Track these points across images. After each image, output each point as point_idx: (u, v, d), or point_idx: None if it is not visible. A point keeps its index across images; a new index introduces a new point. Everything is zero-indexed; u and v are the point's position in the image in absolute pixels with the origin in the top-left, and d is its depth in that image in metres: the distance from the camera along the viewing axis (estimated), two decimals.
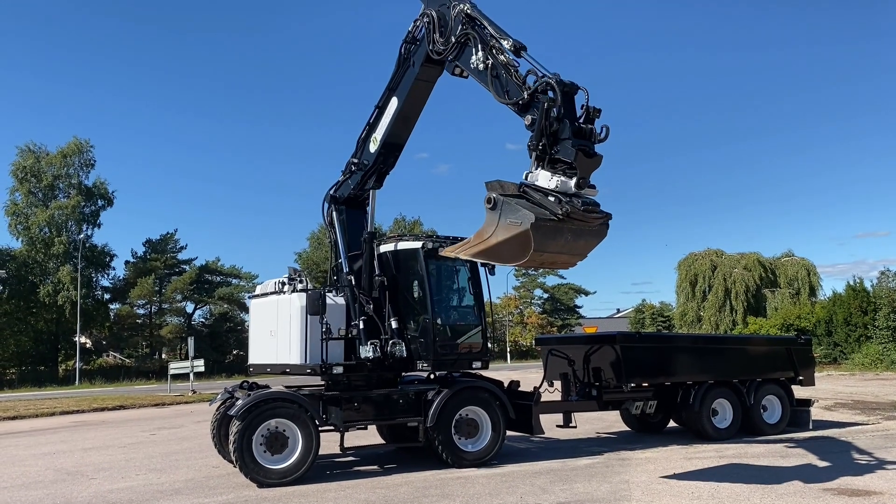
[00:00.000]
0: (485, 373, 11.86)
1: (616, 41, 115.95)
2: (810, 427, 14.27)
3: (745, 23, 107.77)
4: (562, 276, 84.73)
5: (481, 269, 11.69)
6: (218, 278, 62.57)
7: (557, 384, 13.91)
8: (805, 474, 9.66)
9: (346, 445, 11.80)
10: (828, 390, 24.36)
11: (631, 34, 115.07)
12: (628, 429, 15.12)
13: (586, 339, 14.20)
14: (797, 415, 14.35)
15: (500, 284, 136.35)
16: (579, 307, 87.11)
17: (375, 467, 11.26)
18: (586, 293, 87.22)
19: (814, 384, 14.98)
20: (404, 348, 11.03)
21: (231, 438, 9.87)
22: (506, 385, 12.07)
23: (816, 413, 17.07)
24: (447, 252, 9.19)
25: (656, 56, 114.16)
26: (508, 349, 70.25)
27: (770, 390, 14.09)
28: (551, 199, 7.98)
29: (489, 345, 11.98)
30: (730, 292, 48.86)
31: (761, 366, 14.46)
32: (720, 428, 13.43)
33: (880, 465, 10.24)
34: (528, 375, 14.89)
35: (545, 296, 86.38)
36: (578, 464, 11.08)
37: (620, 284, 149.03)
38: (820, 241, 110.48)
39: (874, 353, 37.33)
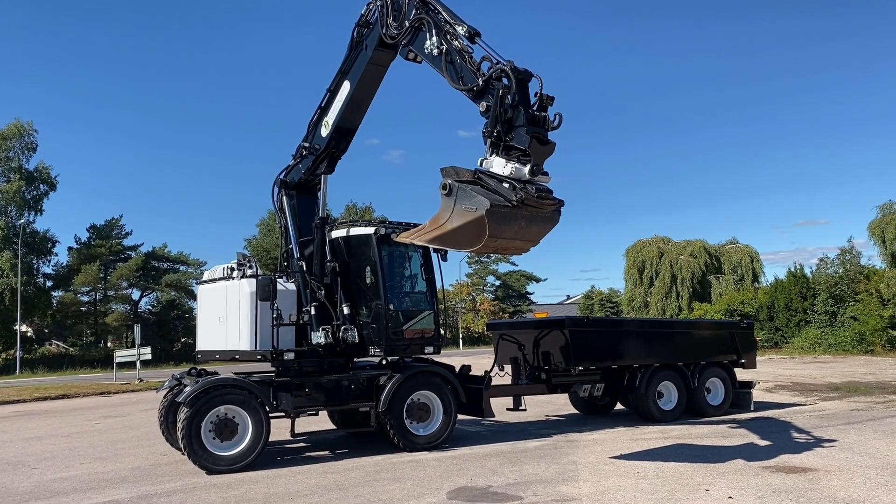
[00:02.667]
0: (437, 358, 11.94)
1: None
2: (752, 408, 14.73)
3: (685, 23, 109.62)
4: (514, 263, 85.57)
5: (434, 256, 11.74)
6: (165, 265, 61.32)
7: (508, 368, 14.09)
8: (746, 453, 9.98)
9: (297, 431, 11.85)
10: (769, 373, 25.17)
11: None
12: (577, 411, 15.40)
13: (536, 324, 14.37)
14: (739, 396, 14.79)
15: (453, 271, 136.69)
16: (530, 294, 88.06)
17: (327, 452, 11.26)
18: (537, 280, 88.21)
19: (755, 367, 15.44)
20: (356, 334, 11.02)
21: (179, 425, 9.75)
22: (457, 370, 12.17)
23: (758, 395, 17.62)
24: (402, 238, 9.20)
25: (597, 44, 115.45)
26: (461, 335, 70.60)
27: (713, 373, 14.50)
28: (506, 185, 8.05)
29: (441, 330, 12.01)
30: (676, 278, 49.95)
31: (705, 349, 14.86)
32: (665, 410, 13.77)
33: (817, 443, 10.65)
34: (480, 361, 15.04)
35: (497, 283, 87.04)
36: (528, 446, 11.25)
37: (570, 272, 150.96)
38: (762, 229, 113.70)
39: (813, 337, 38.67)
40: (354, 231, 11.61)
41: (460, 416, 11.94)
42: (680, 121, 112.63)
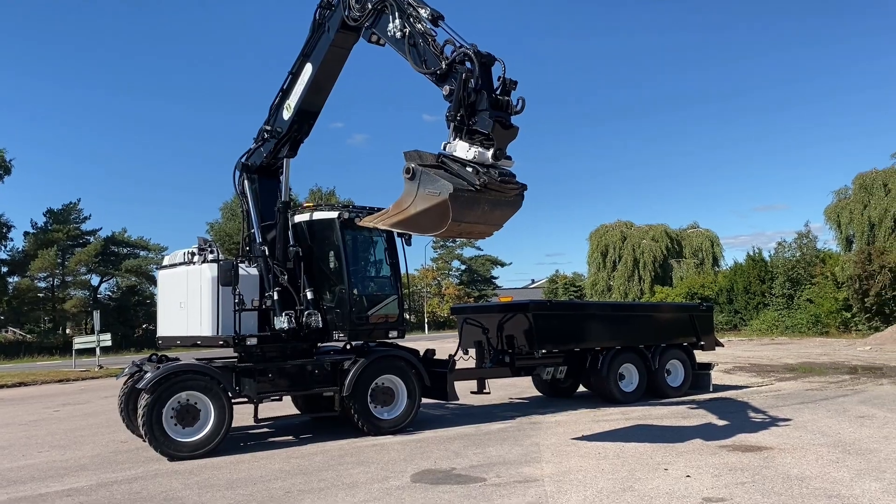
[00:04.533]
0: (402, 342, 11.95)
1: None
2: (711, 389, 15.05)
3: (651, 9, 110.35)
4: (479, 248, 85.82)
5: (398, 240, 11.74)
6: (125, 250, 60.26)
7: (472, 352, 14.18)
8: (704, 433, 10.20)
9: (261, 417, 11.72)
10: (728, 355, 25.66)
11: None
12: (540, 394, 15.57)
13: (500, 308, 14.47)
14: (699, 378, 15.09)
15: (418, 256, 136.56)
16: (495, 278, 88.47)
17: (291, 437, 11.23)
18: (502, 264, 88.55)
19: (714, 349, 15.76)
20: (320, 319, 10.97)
21: (140, 412, 9.63)
22: (422, 354, 12.22)
23: (717, 376, 18.01)
24: (365, 222, 9.16)
25: (562, 29, 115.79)
26: (426, 320, 70.74)
27: (673, 355, 14.76)
28: (469, 169, 8.07)
29: (406, 315, 12.02)
30: (638, 262, 50.56)
31: (665, 332, 15.11)
32: (626, 391, 14.00)
33: (773, 422, 10.92)
34: (445, 345, 15.08)
35: (462, 267, 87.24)
36: (492, 428, 11.35)
37: (535, 256, 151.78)
38: (722, 213, 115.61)
39: (770, 320, 39.56)
40: (318, 215, 11.53)
41: (425, 400, 11.99)
42: (643, 106, 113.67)
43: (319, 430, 11.60)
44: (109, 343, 30.78)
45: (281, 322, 10.65)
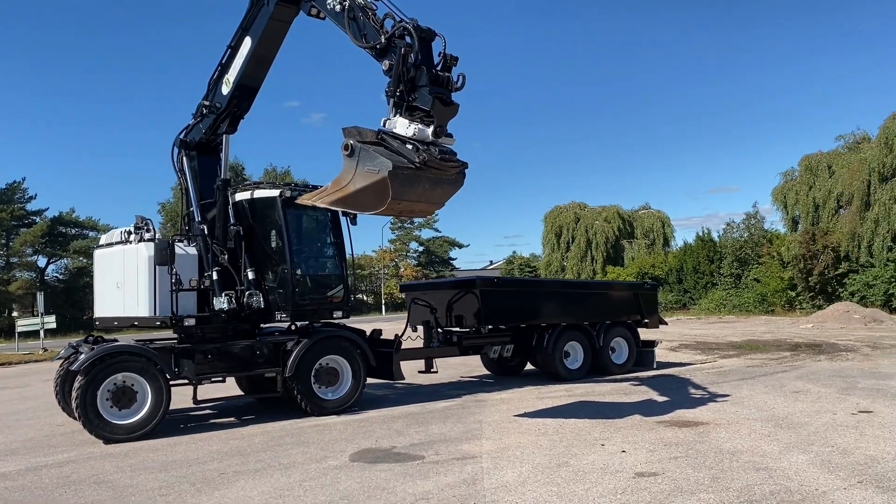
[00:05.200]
0: (357, 323, 11.86)
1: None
2: (654, 366, 15.30)
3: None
4: (437, 230, 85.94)
5: (343, 219, 11.59)
6: (73, 230, 58.70)
7: (421, 331, 14.14)
8: (644, 409, 10.35)
9: (206, 398, 11.51)
10: (675, 333, 26.15)
11: None
12: (488, 373, 15.65)
13: (448, 285, 14.49)
14: (643, 355, 15.32)
15: (375, 237, 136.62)
16: (453, 259, 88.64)
17: (233, 419, 11.08)
18: (460, 246, 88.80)
19: (658, 327, 16.00)
20: (262, 299, 10.80)
21: (73, 395, 9.39)
22: (368, 334, 12.15)
23: (662, 353, 18.31)
24: (303, 200, 9.01)
25: (526, 17, 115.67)
26: (384, 301, 70.61)
27: (618, 333, 14.94)
28: (409, 146, 7.96)
29: (350, 295, 11.89)
30: (591, 243, 51.12)
31: (611, 309, 15.27)
32: (571, 369, 14.14)
33: (711, 398, 11.13)
34: (402, 326, 14.90)
35: (420, 248, 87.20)
36: (436, 407, 11.36)
37: (494, 237, 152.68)
38: (676, 195, 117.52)
39: (718, 299, 40.42)
40: (259, 193, 11.31)
41: (373, 380, 11.93)
42: (597, 91, 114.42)
43: (263, 412, 11.48)
44: (54, 325, 30.02)
45: (220, 302, 10.44)
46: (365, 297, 79.73)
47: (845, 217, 36.63)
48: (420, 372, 13.40)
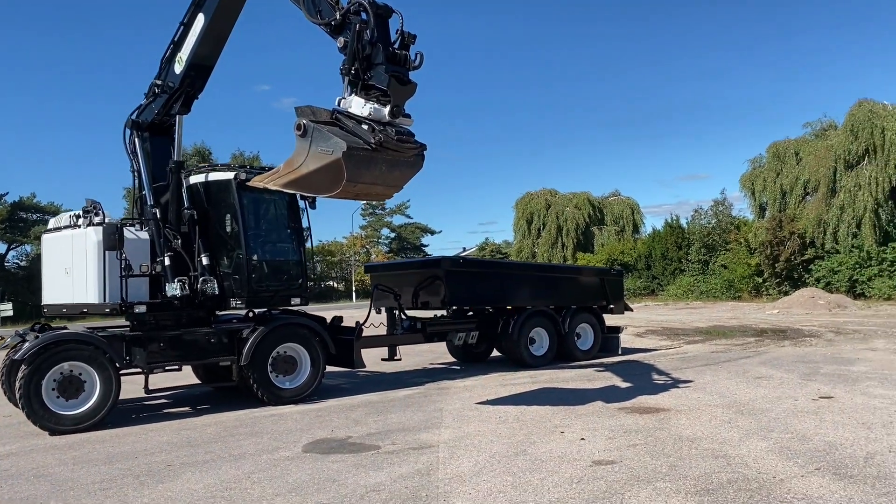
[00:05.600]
0: (312, 309, 11.60)
1: None
2: (620, 352, 15.25)
3: None
4: (408, 216, 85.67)
5: (302, 202, 11.30)
6: (34, 216, 57.38)
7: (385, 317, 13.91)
8: (606, 395, 10.24)
9: (163, 387, 11.21)
10: (642, 319, 26.25)
11: None
12: (455, 360, 15.48)
13: (412, 265, 14.37)
14: (608, 341, 15.25)
15: (346, 223, 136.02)
16: (426, 246, 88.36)
17: (188, 408, 10.78)
18: (432, 232, 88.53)
19: (623, 313, 15.94)
20: (216, 285, 10.49)
21: (17, 384, 9.03)
22: (329, 321, 11.91)
23: (628, 339, 18.33)
24: (255, 182, 8.68)
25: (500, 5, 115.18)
26: (354, 288, 70.21)
27: (584, 319, 14.85)
28: (364, 127, 7.70)
29: (310, 281, 11.59)
30: (562, 229, 51.20)
31: (577, 294, 15.17)
32: (537, 355, 14.02)
33: (674, 384, 11.06)
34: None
35: (392, 235, 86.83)
36: (398, 395, 11.16)
37: (468, 224, 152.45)
38: (647, 183, 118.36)
39: (686, 285, 40.71)
40: (213, 176, 10.96)
41: (336, 369, 11.70)
42: (565, 76, 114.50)
43: (220, 401, 11.19)
44: (10, 313, 29.37)
45: (173, 289, 10.11)
46: (335, 284, 79.28)
47: (812, 204, 37.02)
48: (383, 359, 13.21)
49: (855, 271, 33.67)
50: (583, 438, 7.60)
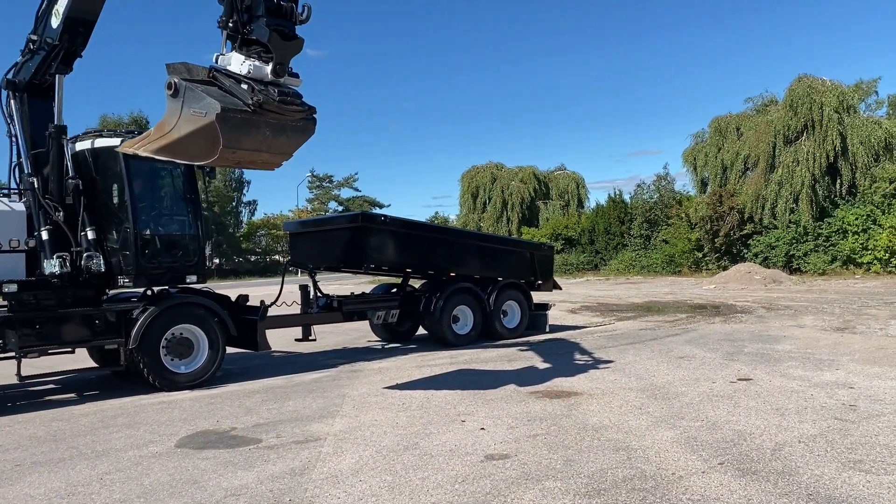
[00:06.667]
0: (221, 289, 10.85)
1: None
2: (547, 330, 14.80)
3: None
4: (357, 189, 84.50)
5: (199, 171, 10.46)
6: None
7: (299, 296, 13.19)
8: (522, 378, 9.74)
9: (57, 370, 10.20)
10: (580, 294, 26.01)
11: None
12: (378, 339, 14.87)
13: (332, 221, 13.90)
14: (535, 319, 14.77)
15: (291, 196, 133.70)
16: None
17: (73, 395, 9.93)
18: (381, 206, 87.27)
19: (551, 290, 15.49)
20: (102, 262, 9.62)
21: None
22: (234, 299, 11.17)
23: (560, 316, 17.96)
24: (125, 148, 7.81)
25: None
26: None
27: (510, 296, 14.33)
28: (244, 87, 6.92)
29: (208, 257, 10.73)
30: (507, 204, 50.77)
31: (503, 267, 14.64)
32: (460, 334, 13.46)
33: (594, 364, 10.62)
34: (329, 287, 13.66)
35: (340, 208, 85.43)
36: (305, 379, 10.49)
37: (422, 198, 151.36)
38: (600, 158, 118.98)
39: (628, 260, 40.74)
40: (100, 142, 10.01)
41: (249, 351, 11.04)
42: (521, 53, 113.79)
43: (113, 387, 10.38)
44: None
45: (51, 265, 9.21)
46: (282, 259, 77.77)
47: (751, 179, 37.16)
48: (297, 340, 12.54)
49: (792, 246, 33.97)
50: (483, 428, 7.05)
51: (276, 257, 77.53)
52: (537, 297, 15.09)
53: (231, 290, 13.51)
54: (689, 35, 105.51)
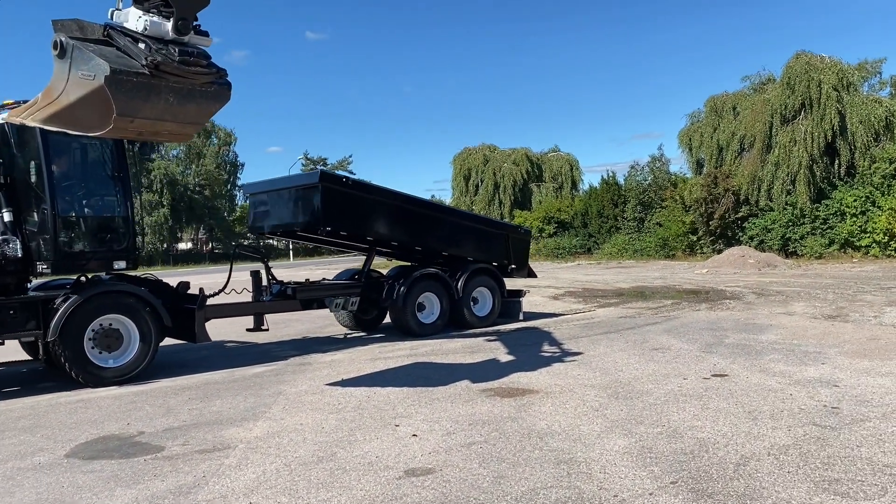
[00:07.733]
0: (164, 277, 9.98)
1: None
2: (521, 318, 13.96)
3: None
4: (351, 172, 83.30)
5: (130, 147, 9.60)
6: None
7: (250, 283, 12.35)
8: (478, 373, 8.91)
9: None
10: (567, 279, 25.16)
11: None
12: (343, 328, 14.05)
13: (292, 179, 13.25)
14: (509, 306, 13.92)
15: (261, 175, 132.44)
16: None
17: None
18: None
19: (526, 277, 14.64)
20: (18, 246, 8.78)
21: None
22: (175, 287, 10.35)
23: (539, 303, 17.15)
24: (10, 117, 6.97)
25: None
26: (291, 247, 68.01)
27: (481, 282, 13.45)
28: (142, 45, 6.05)
29: (138, 241, 9.92)
30: (499, 186, 49.80)
31: (475, 248, 13.69)
32: (426, 323, 12.62)
33: (560, 358, 9.80)
34: (300, 273, 12.72)
35: None
36: (247, 373, 9.67)
37: (424, 182, 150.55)
38: (602, 141, 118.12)
39: (621, 243, 39.84)
40: None
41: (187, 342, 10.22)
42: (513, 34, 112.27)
43: (42, 380, 9.59)
44: None
45: None
46: (275, 242, 76.84)
47: (747, 160, 36.15)
48: (248, 330, 11.69)
49: (788, 229, 33.06)
50: (415, 434, 6.22)
51: (271, 241, 76.79)
52: (511, 283, 14.23)
53: (219, 275, 12.57)
54: (692, 14, 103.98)
